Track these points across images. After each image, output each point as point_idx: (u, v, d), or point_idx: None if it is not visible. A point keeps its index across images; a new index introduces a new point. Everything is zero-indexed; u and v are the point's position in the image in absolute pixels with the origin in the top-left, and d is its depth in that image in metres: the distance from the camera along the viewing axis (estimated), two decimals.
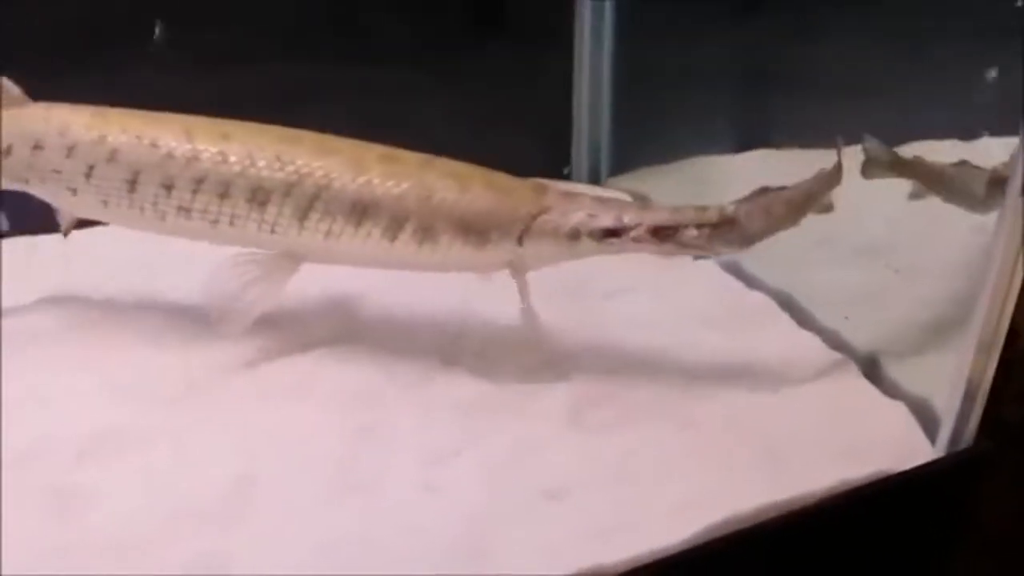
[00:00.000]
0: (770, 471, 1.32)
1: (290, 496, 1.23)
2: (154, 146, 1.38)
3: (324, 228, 1.37)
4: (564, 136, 2.31)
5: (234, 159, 1.37)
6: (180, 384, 1.40)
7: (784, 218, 1.34)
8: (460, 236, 1.37)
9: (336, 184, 1.36)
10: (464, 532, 1.19)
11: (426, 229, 1.37)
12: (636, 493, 1.27)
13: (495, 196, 1.38)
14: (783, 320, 1.72)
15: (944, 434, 1.39)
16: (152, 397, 1.37)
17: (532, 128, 2.22)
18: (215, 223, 1.39)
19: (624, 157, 2.30)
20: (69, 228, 1.54)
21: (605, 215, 1.36)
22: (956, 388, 1.37)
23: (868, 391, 1.52)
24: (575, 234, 1.37)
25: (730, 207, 1.33)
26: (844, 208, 1.40)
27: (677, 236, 1.34)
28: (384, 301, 1.64)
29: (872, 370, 1.56)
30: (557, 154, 2.31)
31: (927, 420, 1.43)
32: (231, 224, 1.39)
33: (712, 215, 1.33)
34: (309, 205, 1.37)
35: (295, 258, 1.42)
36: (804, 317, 1.71)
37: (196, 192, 1.38)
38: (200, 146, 1.38)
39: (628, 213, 1.36)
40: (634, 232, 1.35)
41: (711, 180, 2.06)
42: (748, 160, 2.08)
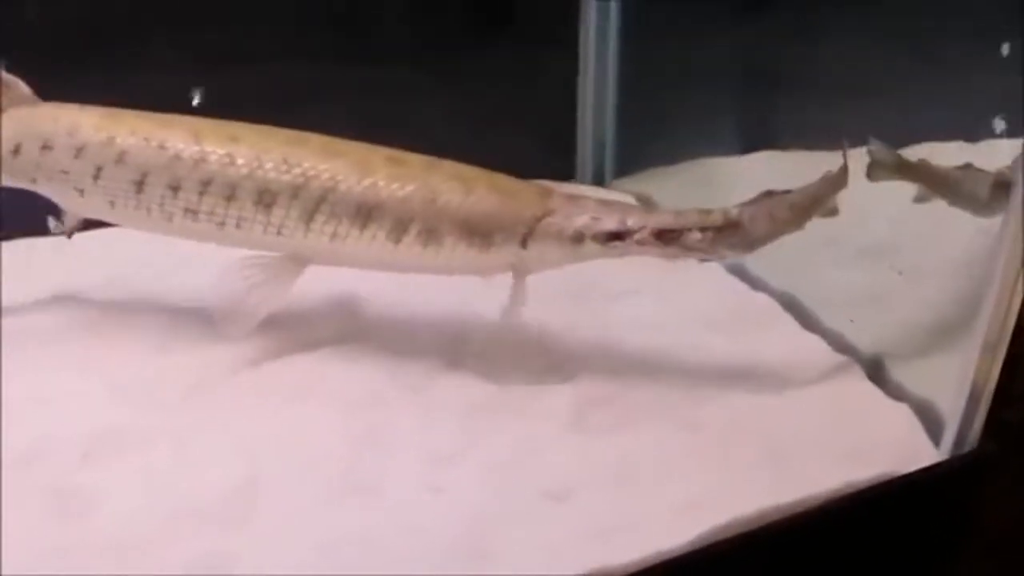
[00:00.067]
0: (774, 473, 1.31)
1: (292, 496, 1.23)
2: (162, 148, 1.38)
3: (330, 230, 1.38)
4: (568, 138, 2.31)
5: (241, 161, 1.37)
6: (181, 384, 1.40)
7: (788, 222, 1.33)
8: (464, 238, 1.37)
9: (342, 187, 1.36)
10: (466, 533, 1.19)
11: (431, 231, 1.37)
12: (639, 495, 1.27)
13: (499, 199, 1.38)
14: (787, 322, 1.71)
15: (948, 436, 1.39)
16: (153, 397, 1.37)
17: (536, 129, 2.22)
18: (222, 225, 1.39)
19: (629, 158, 2.29)
20: (74, 229, 1.54)
21: (609, 218, 1.36)
22: (960, 390, 1.37)
23: (872, 393, 1.51)
24: (579, 237, 1.37)
25: (734, 211, 1.32)
26: (848, 210, 1.39)
27: (681, 240, 1.33)
28: (387, 302, 1.64)
29: (876, 372, 1.55)
30: (561, 156, 2.31)
31: (931, 422, 1.43)
32: (238, 226, 1.39)
33: (716, 219, 1.32)
34: (315, 207, 1.37)
35: (301, 260, 1.42)
36: (808, 319, 1.71)
37: (203, 194, 1.38)
38: (208, 148, 1.38)
39: (632, 216, 1.36)
40: (638, 235, 1.35)
41: (716, 182, 2.05)
42: (753, 162, 2.07)
